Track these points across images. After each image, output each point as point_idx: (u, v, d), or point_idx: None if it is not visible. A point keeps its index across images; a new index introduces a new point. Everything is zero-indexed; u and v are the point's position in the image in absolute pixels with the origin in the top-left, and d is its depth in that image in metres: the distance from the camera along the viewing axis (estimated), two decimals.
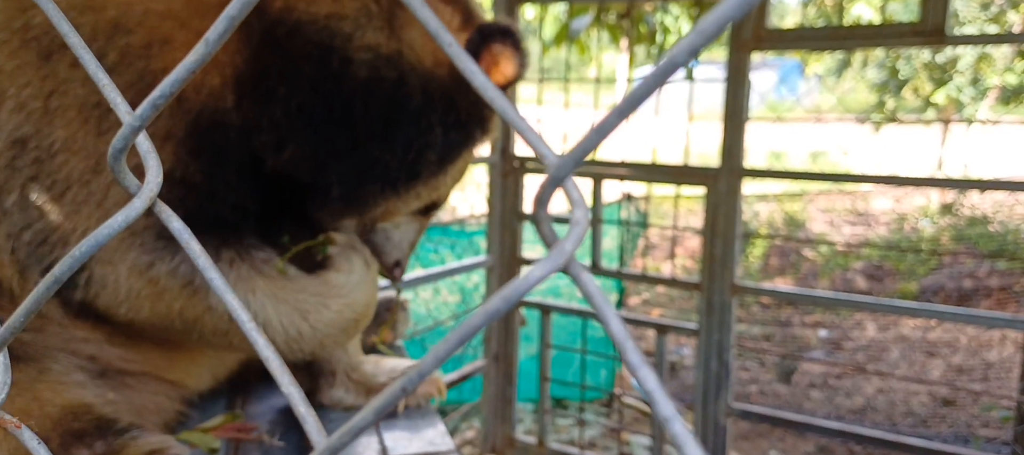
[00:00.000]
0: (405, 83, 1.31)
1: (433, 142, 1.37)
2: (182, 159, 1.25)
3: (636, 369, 0.29)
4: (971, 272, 7.13)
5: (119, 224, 0.38)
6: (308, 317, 1.35)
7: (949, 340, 6.41)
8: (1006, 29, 8.98)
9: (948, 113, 10.93)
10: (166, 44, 1.23)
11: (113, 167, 0.39)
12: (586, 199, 0.32)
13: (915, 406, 5.86)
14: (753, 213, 8.32)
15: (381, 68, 1.30)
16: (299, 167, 1.35)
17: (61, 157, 1.21)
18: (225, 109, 1.27)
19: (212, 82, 1.25)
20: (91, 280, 1.27)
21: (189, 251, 0.38)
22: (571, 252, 0.29)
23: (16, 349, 1.36)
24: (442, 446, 1.62)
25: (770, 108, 13.55)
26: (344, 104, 1.31)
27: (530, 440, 3.85)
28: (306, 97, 1.29)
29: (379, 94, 1.31)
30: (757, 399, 6.01)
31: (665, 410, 0.27)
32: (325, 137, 1.32)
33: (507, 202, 3.68)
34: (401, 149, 1.35)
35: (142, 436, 1.34)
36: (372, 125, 1.33)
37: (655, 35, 5.66)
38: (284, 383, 0.34)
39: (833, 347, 6.77)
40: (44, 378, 1.32)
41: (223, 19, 0.35)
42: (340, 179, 1.37)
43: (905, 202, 7.88)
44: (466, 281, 4.43)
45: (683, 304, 7.04)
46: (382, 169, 1.37)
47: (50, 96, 1.21)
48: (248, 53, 1.26)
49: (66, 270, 0.41)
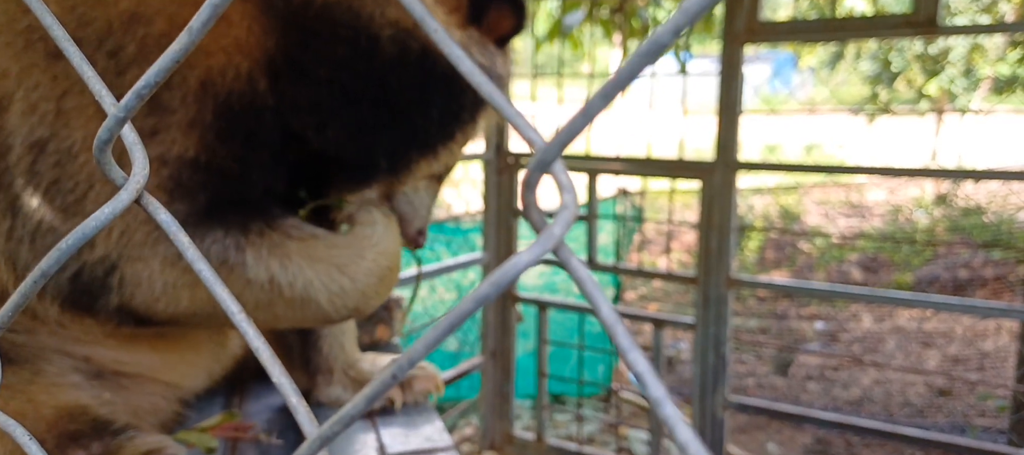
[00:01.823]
0: (430, 52, 1.34)
1: (465, 102, 1.41)
2: (209, 145, 1.24)
3: (626, 352, 0.29)
4: (966, 262, 7.16)
5: (106, 217, 0.38)
6: (346, 270, 1.34)
7: (945, 330, 6.43)
8: (998, 19, 9.00)
9: (941, 104, 10.96)
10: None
11: (98, 159, 0.38)
12: (577, 188, 0.32)
13: (912, 397, 5.88)
14: (748, 206, 8.33)
15: (406, 40, 1.32)
16: (343, 145, 1.38)
17: (82, 157, 1.20)
18: (258, 92, 1.27)
19: (239, 66, 1.25)
20: (124, 281, 1.24)
21: (177, 243, 0.38)
22: (560, 236, 0.29)
23: (9, 351, 1.35)
24: (440, 443, 1.62)
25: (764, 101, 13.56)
26: (379, 80, 1.33)
27: (528, 436, 3.86)
28: (345, 77, 1.31)
29: (409, 66, 1.33)
30: (754, 392, 6.02)
31: (655, 392, 0.27)
32: (367, 114, 1.35)
33: (502, 199, 3.68)
34: (438, 113, 1.39)
35: (139, 436, 1.34)
36: (409, 96, 1.36)
37: (648, 29, 5.65)
38: (275, 373, 0.34)
39: (829, 339, 6.79)
40: (39, 380, 1.32)
41: (207, 7, 0.35)
42: (386, 152, 1.40)
43: (899, 193, 7.90)
44: (462, 278, 4.43)
45: (679, 298, 7.05)
46: (424, 135, 1.41)
47: (63, 96, 1.19)
48: (278, 37, 1.28)
49: (53, 263, 0.41)
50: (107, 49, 1.18)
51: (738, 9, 3.04)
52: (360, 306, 1.39)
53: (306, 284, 1.30)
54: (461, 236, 4.31)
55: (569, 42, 5.07)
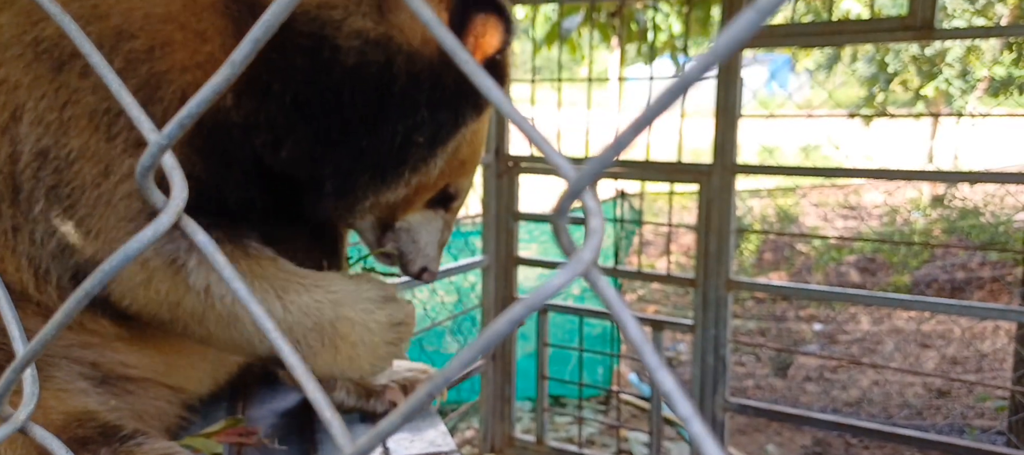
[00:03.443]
0: (391, 65, 1.30)
1: (420, 123, 1.34)
2: (190, 158, 1.26)
3: (655, 371, 0.30)
4: (963, 263, 7.19)
5: (148, 238, 0.39)
6: (283, 297, 1.28)
7: (943, 331, 6.45)
8: (994, 21, 9.05)
9: (937, 106, 11.00)
10: (167, 46, 1.24)
11: (141, 184, 0.40)
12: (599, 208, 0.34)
13: (910, 397, 5.90)
14: (747, 208, 8.36)
15: (368, 53, 1.29)
16: (297, 165, 1.33)
17: (77, 165, 1.23)
18: (226, 109, 1.26)
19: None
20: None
21: (214, 263, 0.39)
22: (590, 260, 0.30)
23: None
24: (444, 446, 1.63)
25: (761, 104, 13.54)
26: (335, 93, 1.30)
27: (529, 438, 3.87)
28: (300, 91, 1.28)
29: (366, 79, 1.29)
30: (753, 393, 6.04)
31: (684, 410, 0.29)
32: (319, 130, 1.31)
33: (502, 202, 3.69)
34: (389, 134, 1.33)
35: (147, 442, 1.35)
36: (360, 112, 1.31)
37: (646, 33, 5.68)
38: (309, 389, 0.35)
39: (828, 340, 6.82)
40: (48, 385, 1.33)
41: (248, 42, 0.36)
42: (333, 172, 1.35)
43: (897, 195, 7.93)
44: (462, 281, 4.44)
45: (678, 300, 7.07)
46: (372, 157, 1.34)
47: (64, 106, 1.23)
48: None
49: (96, 283, 0.42)
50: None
51: (735, 13, 3.06)
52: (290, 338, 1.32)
53: (235, 300, 1.25)
54: (461, 239, 4.32)
55: (567, 46, 5.09)
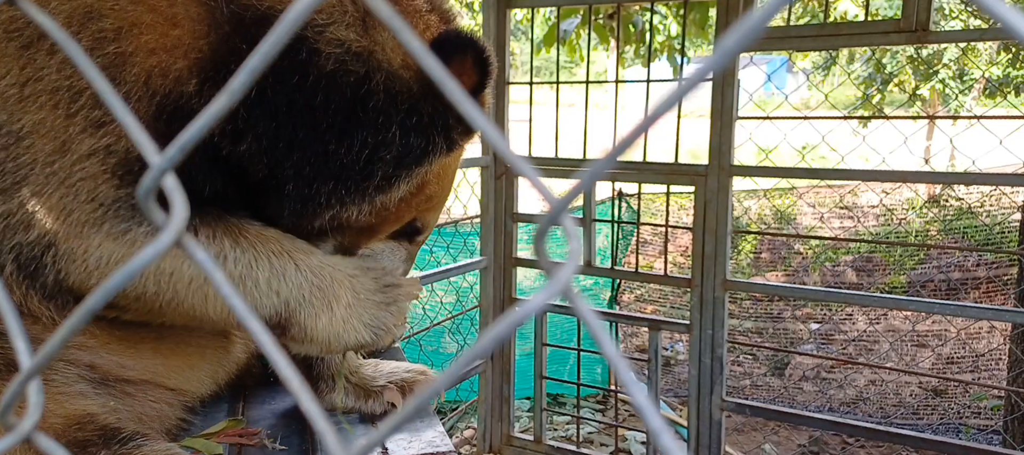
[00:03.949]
0: (370, 79, 1.30)
1: (390, 142, 1.35)
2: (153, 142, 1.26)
3: (627, 385, 0.32)
4: (959, 264, 7.21)
5: (150, 256, 0.40)
6: (294, 258, 1.35)
7: (938, 331, 6.48)
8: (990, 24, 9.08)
9: (934, 106, 11.03)
10: (135, 27, 1.23)
11: (142, 204, 0.41)
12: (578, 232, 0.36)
13: (906, 397, 5.93)
14: (744, 209, 8.38)
15: (348, 62, 1.29)
16: (256, 160, 1.32)
17: (28, 140, 1.23)
18: (188, 94, 1.25)
19: (178, 66, 1.24)
20: (57, 257, 1.26)
21: (214, 280, 0.40)
22: (567, 281, 0.32)
23: (16, 360, 1.37)
24: (442, 446, 1.65)
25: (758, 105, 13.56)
26: (307, 95, 1.29)
27: (527, 437, 3.88)
28: (269, 87, 1.27)
29: (342, 87, 1.29)
30: (750, 393, 6.07)
31: (654, 423, 0.30)
32: (284, 129, 1.30)
33: (500, 204, 3.71)
34: (358, 145, 1.33)
35: (146, 444, 1.36)
36: (332, 118, 1.30)
37: (644, 35, 5.70)
38: (303, 400, 0.36)
39: (824, 340, 6.84)
40: (46, 389, 1.33)
41: (245, 71, 0.37)
42: (296, 174, 1.34)
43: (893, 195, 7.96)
44: (461, 281, 4.45)
45: (676, 300, 7.09)
46: (337, 166, 1.34)
47: (26, 83, 1.23)
48: (215, 37, 1.25)
49: (99, 300, 0.43)
50: None
51: (732, 17, 3.08)
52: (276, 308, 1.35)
53: (174, 271, 1.29)
54: (460, 240, 4.34)
55: (566, 47, 5.11)
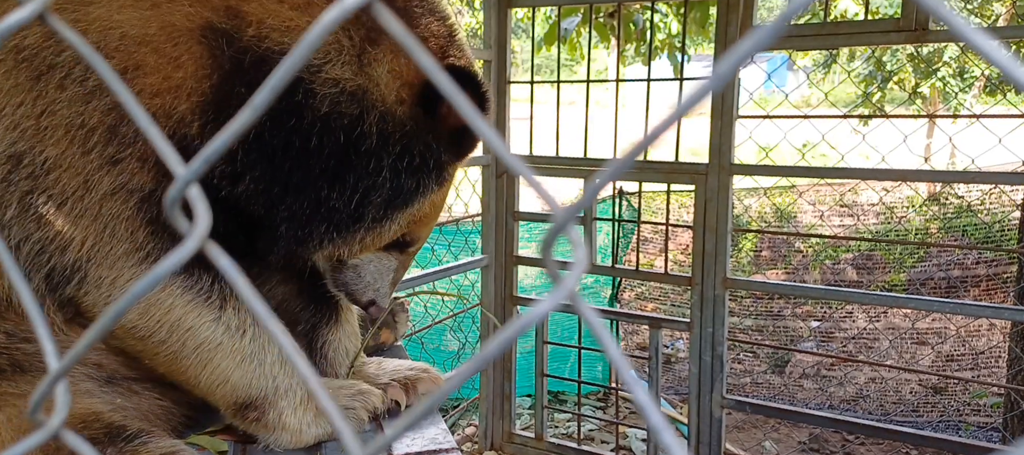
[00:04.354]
0: (363, 121, 1.31)
1: (380, 185, 1.36)
2: (161, 181, 1.29)
3: (630, 386, 0.34)
4: (959, 261, 7.23)
5: (175, 262, 0.42)
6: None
7: (938, 329, 6.50)
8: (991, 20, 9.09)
9: (934, 104, 11.04)
10: (139, 69, 1.25)
11: (169, 213, 0.43)
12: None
13: (906, 394, 5.95)
14: (744, 207, 8.40)
15: (342, 103, 1.30)
16: (253, 201, 1.35)
17: (54, 174, 1.26)
18: (190, 136, 1.27)
19: (181, 108, 1.26)
20: (85, 280, 1.31)
21: (236, 287, 0.42)
22: (573, 286, 0.34)
23: (23, 361, 1.39)
24: (445, 444, 1.66)
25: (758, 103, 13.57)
26: (302, 137, 1.30)
27: (528, 435, 3.90)
28: (267, 129, 1.28)
29: (335, 131, 1.30)
30: (751, 390, 6.08)
31: (654, 419, 0.32)
32: (280, 171, 1.32)
33: (501, 202, 3.72)
34: (349, 190, 1.35)
35: (152, 441, 1.38)
36: (325, 162, 1.32)
37: (644, 33, 5.71)
38: (323, 400, 0.38)
39: (824, 338, 6.86)
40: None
41: (266, 89, 0.39)
42: (289, 216, 1.36)
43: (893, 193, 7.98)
44: (462, 279, 4.47)
45: (676, 298, 7.11)
46: (328, 209, 1.36)
47: (41, 116, 1.25)
48: (216, 79, 1.27)
49: (126, 304, 0.45)
50: (76, 76, 1.24)
51: (732, 15, 3.09)
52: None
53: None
54: (462, 239, 4.35)
55: (566, 46, 5.12)
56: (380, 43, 1.33)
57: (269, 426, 1.47)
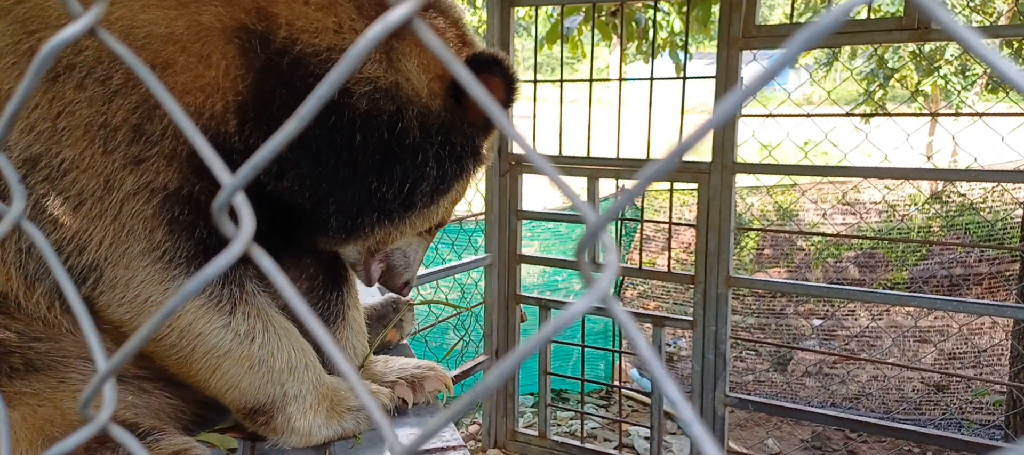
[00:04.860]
0: (403, 116, 1.36)
1: (428, 175, 1.43)
2: (189, 178, 1.30)
3: (661, 383, 0.35)
4: (961, 259, 7.23)
5: (222, 264, 0.44)
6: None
7: (940, 327, 6.50)
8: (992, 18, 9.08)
9: (936, 102, 11.04)
10: (168, 68, 1.26)
11: (217, 218, 0.45)
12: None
13: (908, 392, 5.95)
14: (746, 205, 8.40)
15: (380, 100, 1.34)
16: (298, 195, 1.39)
17: (71, 175, 1.26)
18: (228, 133, 1.30)
19: (215, 107, 1.29)
20: (100, 280, 1.32)
21: (277, 284, 0.44)
22: (606, 288, 0.36)
23: (36, 360, 1.41)
24: (452, 441, 1.67)
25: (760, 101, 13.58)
26: (345, 135, 1.34)
27: (532, 433, 3.92)
28: (309, 128, 1.29)
29: (378, 126, 1.35)
30: (753, 388, 6.09)
31: (686, 414, 0.33)
32: (325, 167, 1.36)
33: (504, 201, 3.73)
34: (397, 181, 1.40)
35: (164, 438, 1.39)
36: (370, 157, 1.37)
37: (646, 31, 5.71)
38: (363, 395, 0.40)
39: (827, 336, 6.86)
40: (64, 387, 1.37)
41: (313, 99, 0.41)
42: (338, 209, 1.41)
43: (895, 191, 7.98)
44: (465, 278, 4.48)
45: (679, 296, 7.12)
46: (379, 200, 1.42)
47: (58, 117, 1.25)
48: (252, 80, 1.30)
49: (178, 303, 0.47)
50: (97, 76, 1.24)
51: (735, 14, 3.09)
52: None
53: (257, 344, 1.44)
54: (464, 237, 4.36)
55: (568, 44, 5.13)
56: (405, 38, 1.37)
57: (278, 430, 1.49)
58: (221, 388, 1.44)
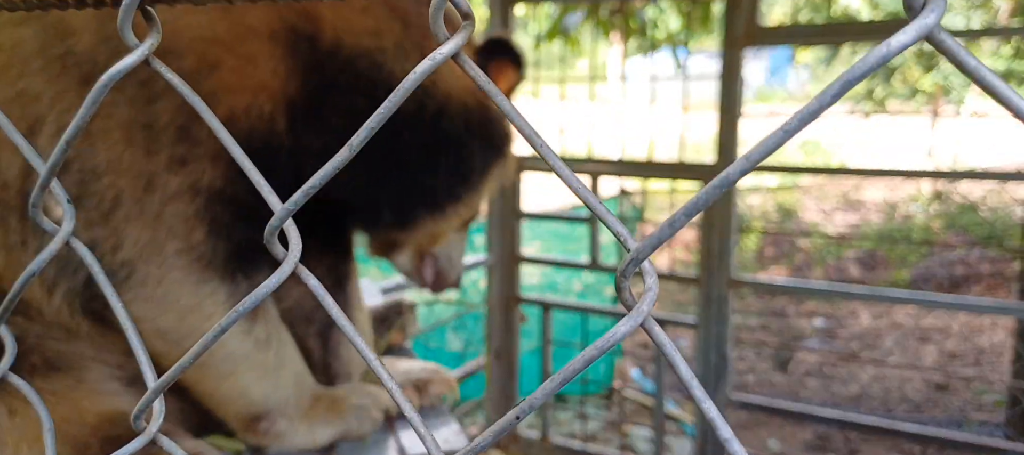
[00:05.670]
0: (446, 112, 1.44)
1: (474, 166, 1.52)
2: (232, 178, 1.29)
3: (700, 401, 0.35)
4: (962, 259, 7.23)
5: (272, 284, 0.45)
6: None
7: (941, 326, 6.50)
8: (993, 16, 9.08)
9: (937, 100, 11.03)
10: (215, 68, 1.26)
11: (267, 241, 0.46)
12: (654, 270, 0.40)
13: (909, 392, 5.95)
14: (748, 205, 8.40)
15: (423, 98, 1.41)
16: (351, 192, 1.44)
17: (108, 178, 1.24)
18: (276, 132, 1.33)
19: (263, 107, 1.31)
20: (131, 276, 1.30)
21: (324, 303, 0.45)
22: (647, 312, 0.36)
23: (54, 359, 1.41)
24: (457, 444, 1.67)
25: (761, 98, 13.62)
26: (392, 134, 1.37)
27: (533, 434, 3.91)
28: (358, 128, 1.34)
29: (423, 123, 1.42)
30: (755, 389, 6.08)
31: (724, 432, 0.33)
32: (375, 165, 1.40)
33: (505, 202, 3.73)
34: (444, 173, 1.48)
35: (176, 441, 1.39)
36: (418, 152, 1.45)
37: (646, 29, 5.69)
38: (406, 409, 0.40)
39: (828, 336, 6.86)
40: (81, 387, 1.37)
41: (364, 129, 0.43)
42: (390, 203, 1.49)
43: (897, 190, 7.97)
44: (465, 278, 4.48)
45: (680, 297, 7.11)
46: (429, 192, 1.50)
47: (93, 119, 1.24)
48: (300, 81, 1.34)
49: (232, 321, 0.48)
50: (139, 78, 1.22)
51: (737, 13, 3.09)
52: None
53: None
54: None
55: (569, 42, 5.12)
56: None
57: (279, 436, 1.50)
58: (230, 394, 1.44)
